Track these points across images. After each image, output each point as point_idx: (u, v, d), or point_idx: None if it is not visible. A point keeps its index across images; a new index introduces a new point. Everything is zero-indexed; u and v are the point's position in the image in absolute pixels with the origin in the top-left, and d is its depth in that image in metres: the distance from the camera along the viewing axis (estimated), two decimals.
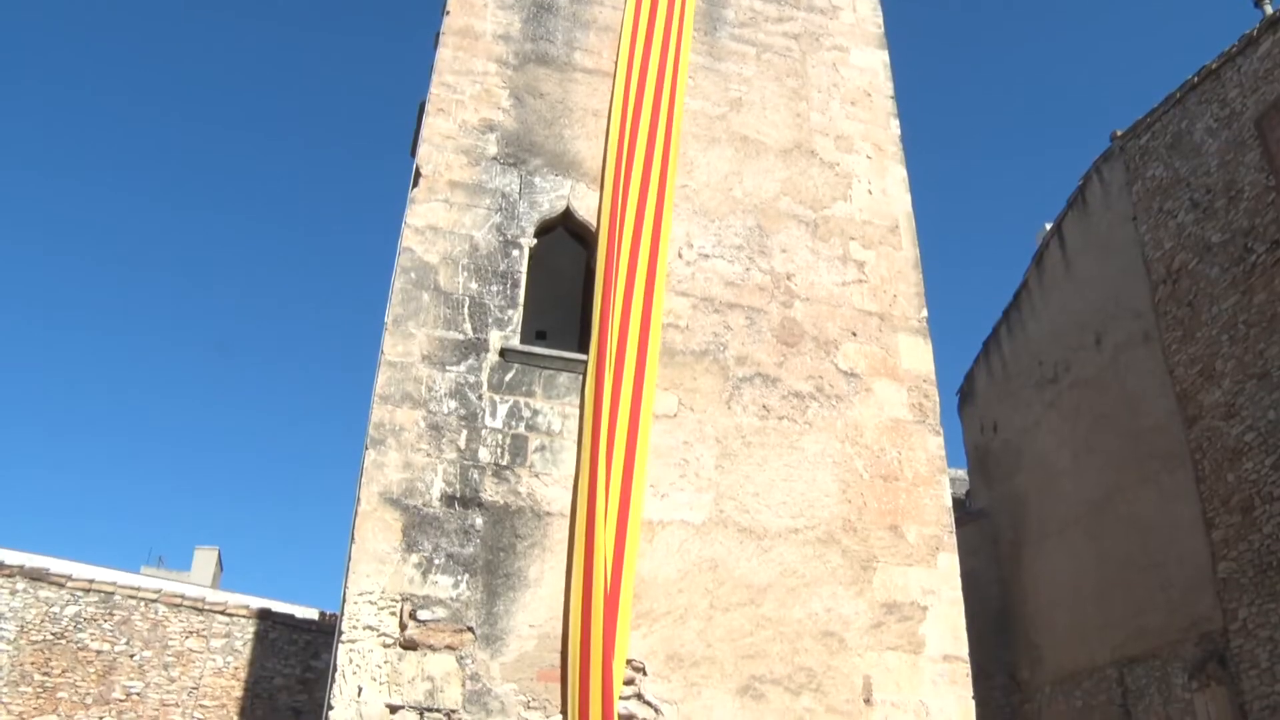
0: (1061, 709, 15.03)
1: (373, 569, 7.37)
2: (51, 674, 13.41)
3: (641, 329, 8.45)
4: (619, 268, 8.65)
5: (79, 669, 13.56)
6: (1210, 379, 12.91)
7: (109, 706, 13.53)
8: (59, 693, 13.39)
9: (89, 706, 13.46)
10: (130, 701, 13.64)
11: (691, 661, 7.75)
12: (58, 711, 13.29)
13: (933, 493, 8.90)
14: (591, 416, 8.08)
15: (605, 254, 8.69)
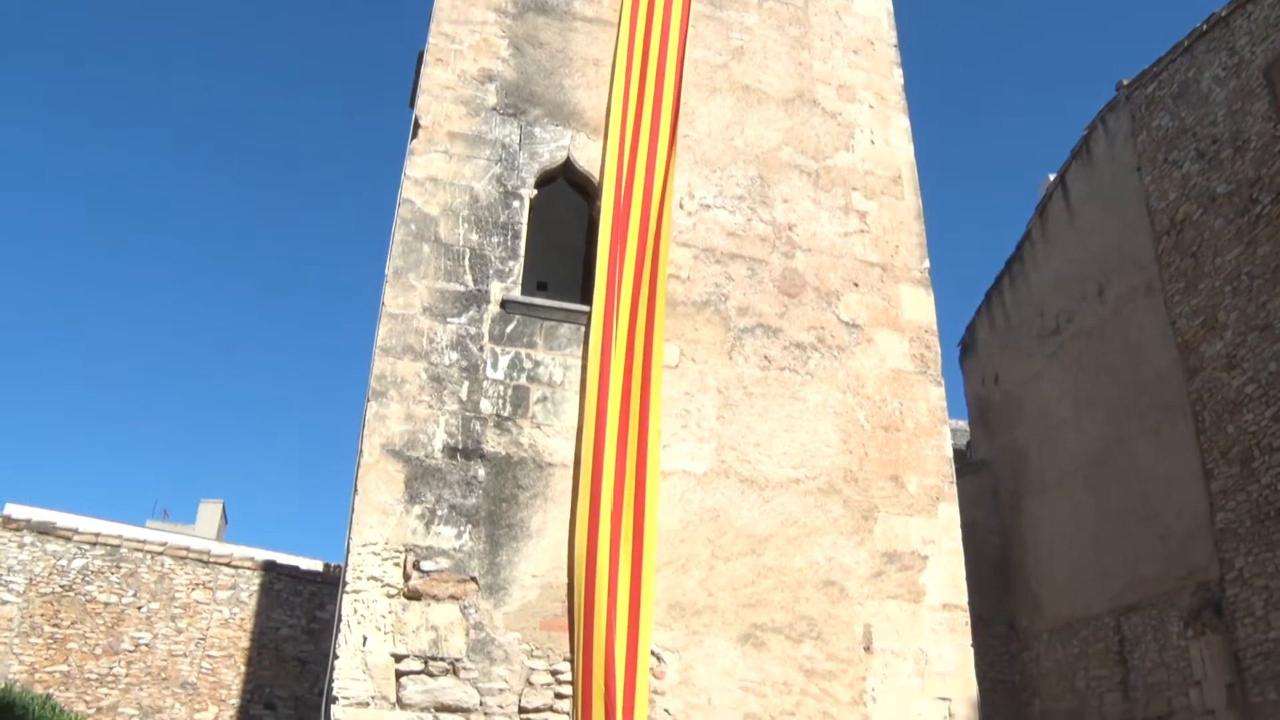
0: (1059, 656, 15.20)
1: (376, 520, 7.43)
2: (61, 625, 13.57)
3: (651, 280, 8.43)
4: (629, 219, 8.61)
5: (88, 620, 13.72)
6: (1212, 330, 12.89)
7: (118, 657, 13.71)
8: (69, 644, 13.56)
9: (98, 657, 13.64)
10: (139, 652, 13.83)
11: (693, 610, 7.83)
12: (68, 662, 13.47)
13: (933, 443, 8.93)
14: (598, 368, 8.09)
15: (612, 205, 8.63)
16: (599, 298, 8.30)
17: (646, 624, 7.44)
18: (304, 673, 14.29)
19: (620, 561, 7.47)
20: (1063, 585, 15.40)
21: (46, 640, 13.45)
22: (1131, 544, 13.92)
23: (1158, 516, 13.53)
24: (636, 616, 7.43)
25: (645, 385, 8.09)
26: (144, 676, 13.75)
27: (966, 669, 8.28)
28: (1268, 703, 11.41)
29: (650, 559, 7.63)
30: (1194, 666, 12.49)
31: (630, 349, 8.13)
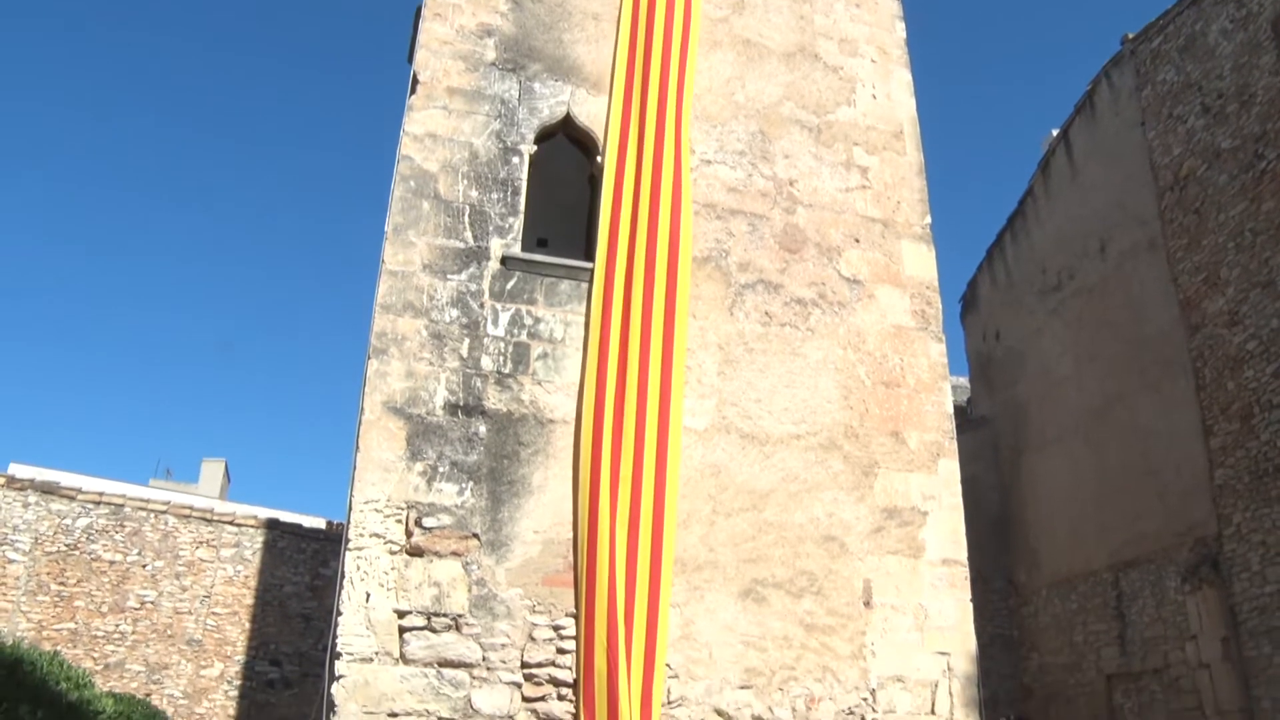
0: (1057, 611, 15.32)
1: (378, 477, 7.45)
2: (67, 584, 13.68)
3: (672, 237, 8.38)
4: (640, 176, 8.53)
5: (93, 579, 13.82)
6: (1214, 287, 12.85)
7: (124, 614, 13.83)
8: (75, 601, 13.67)
9: (105, 615, 13.76)
10: (145, 609, 13.94)
11: (694, 565, 7.88)
12: (75, 620, 13.59)
13: (934, 399, 8.93)
14: (599, 324, 8.07)
15: (615, 161, 8.56)
16: (601, 254, 8.26)
17: (667, 577, 7.48)
18: (308, 629, 14.42)
19: (619, 518, 7.50)
20: (1062, 541, 15.49)
21: (53, 598, 13.56)
22: (1130, 500, 13.98)
23: (1157, 473, 13.58)
24: (650, 571, 7.47)
25: (667, 340, 8.08)
26: (150, 634, 13.88)
27: (965, 623, 8.35)
28: (1262, 656, 11.52)
29: (671, 513, 7.66)
30: (1190, 621, 12.60)
31: (628, 305, 8.10)
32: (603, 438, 7.65)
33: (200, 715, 13.80)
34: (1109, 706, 13.98)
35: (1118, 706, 13.89)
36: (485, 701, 7.10)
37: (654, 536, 7.54)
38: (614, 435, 7.69)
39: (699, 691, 7.56)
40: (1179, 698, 12.74)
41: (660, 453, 7.77)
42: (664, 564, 7.49)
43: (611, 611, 7.24)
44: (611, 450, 7.64)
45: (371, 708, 6.89)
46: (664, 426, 7.83)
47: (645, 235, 8.36)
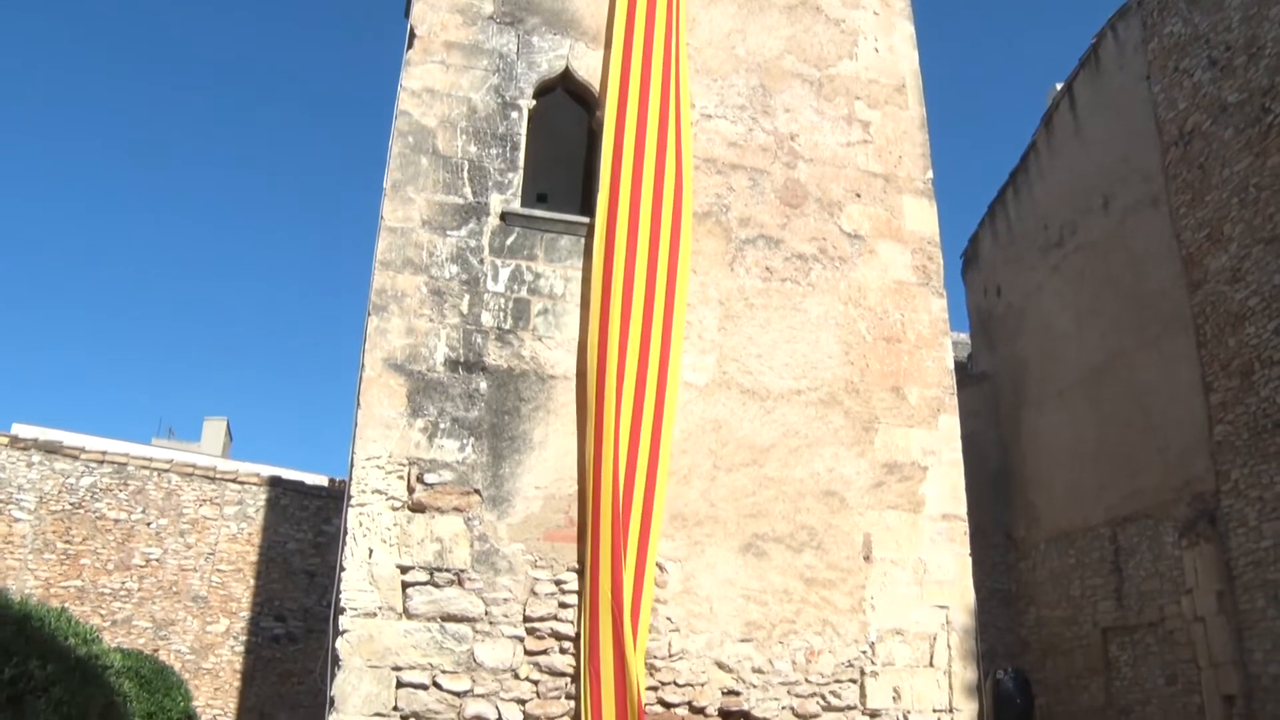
0: (1055, 566, 15.44)
1: (379, 434, 7.47)
2: (73, 542, 13.77)
3: (676, 192, 8.34)
4: (643, 130, 8.46)
5: (99, 537, 13.92)
6: (1217, 243, 12.80)
7: (130, 572, 13.94)
8: (81, 559, 13.77)
9: (111, 572, 13.87)
10: (150, 567, 14.05)
11: (695, 520, 7.92)
12: (81, 577, 13.70)
13: (935, 355, 8.93)
14: (601, 279, 8.05)
15: (615, 115, 8.48)
16: (602, 209, 8.22)
17: (655, 533, 7.54)
18: (312, 585, 14.54)
19: (619, 472, 7.53)
20: (1060, 496, 15.57)
21: (60, 556, 13.66)
22: (1129, 456, 14.04)
23: (1156, 429, 13.62)
24: (647, 526, 7.54)
25: (670, 295, 8.07)
26: (156, 591, 14.00)
27: (964, 578, 8.41)
28: (1255, 609, 11.63)
29: (664, 468, 7.71)
30: (1186, 575, 12.70)
31: (631, 259, 8.08)
32: (605, 393, 7.67)
33: (207, 670, 13.96)
34: (1105, 659, 14.14)
35: (1113, 659, 14.05)
36: (488, 655, 7.18)
37: (646, 492, 7.57)
38: (617, 390, 7.70)
39: (700, 645, 7.64)
40: (1173, 650, 12.89)
41: (657, 408, 7.79)
42: (654, 519, 7.52)
43: (616, 567, 7.30)
44: (615, 405, 7.66)
45: (376, 661, 6.97)
46: (662, 382, 7.84)
47: (650, 189, 8.32)
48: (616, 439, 7.57)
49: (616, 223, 8.15)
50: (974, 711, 8.10)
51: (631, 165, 8.32)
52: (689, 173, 8.54)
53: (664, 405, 7.81)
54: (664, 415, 7.80)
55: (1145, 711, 13.33)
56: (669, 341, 7.98)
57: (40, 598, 12.59)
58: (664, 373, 7.88)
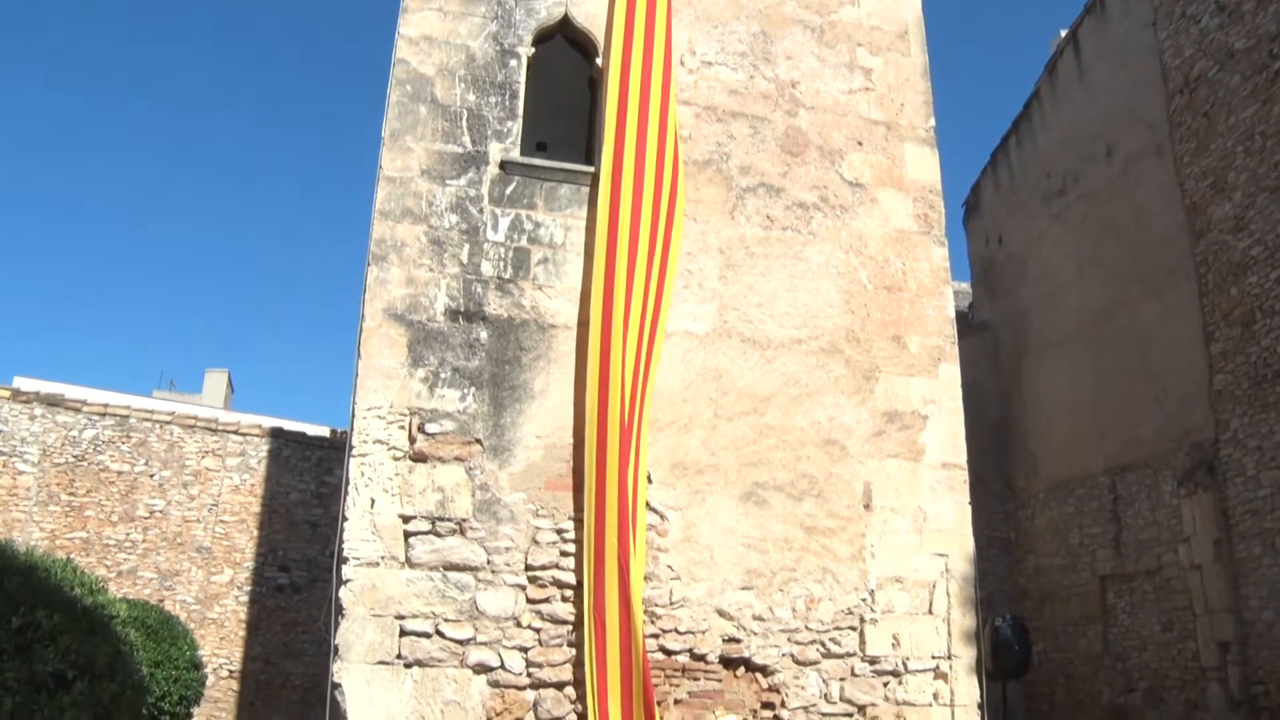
0: (1054, 515, 15.52)
1: (380, 384, 7.48)
2: (77, 494, 13.84)
3: (659, 139, 8.26)
4: (647, 78, 8.36)
5: (102, 489, 13.98)
6: (1221, 192, 12.69)
7: (134, 523, 14.02)
8: (86, 511, 13.84)
9: (115, 524, 13.95)
10: (154, 518, 14.13)
11: (696, 469, 7.95)
12: (86, 529, 13.78)
13: (936, 303, 8.91)
14: (606, 227, 8.00)
15: (619, 62, 8.37)
16: (607, 157, 8.15)
17: (642, 481, 7.56)
18: (315, 535, 14.64)
19: (623, 420, 7.53)
20: (1060, 445, 15.62)
21: (64, 508, 13.73)
22: (1129, 405, 14.06)
23: (1156, 378, 13.62)
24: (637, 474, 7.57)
25: (666, 244, 8.04)
26: (160, 542, 14.09)
27: (964, 526, 8.46)
28: (1252, 557, 11.71)
29: (645, 417, 7.71)
30: (1184, 524, 12.77)
31: (636, 208, 8.02)
32: (611, 341, 7.65)
33: (213, 620, 14.10)
34: (1102, 606, 14.27)
35: (1110, 606, 14.18)
36: (490, 603, 7.24)
37: (636, 440, 7.57)
38: (622, 339, 7.69)
39: (700, 593, 7.71)
40: (1170, 597, 13.00)
41: (648, 356, 7.77)
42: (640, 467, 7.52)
43: (622, 514, 7.33)
44: (621, 354, 7.65)
45: (379, 610, 7.03)
46: (652, 331, 7.81)
47: (655, 137, 8.24)
48: (623, 387, 7.57)
49: (622, 171, 8.08)
50: (972, 658, 8.19)
51: (638, 113, 8.23)
52: (674, 120, 8.44)
53: (651, 354, 7.79)
54: (651, 364, 7.78)
55: (1141, 658, 13.48)
56: (661, 290, 7.95)
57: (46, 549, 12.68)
58: (655, 321, 7.86)
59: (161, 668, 10.00)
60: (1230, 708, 11.78)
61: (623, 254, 7.88)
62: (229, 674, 14.05)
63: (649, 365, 7.78)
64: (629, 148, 8.14)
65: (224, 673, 13.97)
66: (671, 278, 8.09)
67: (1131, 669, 13.64)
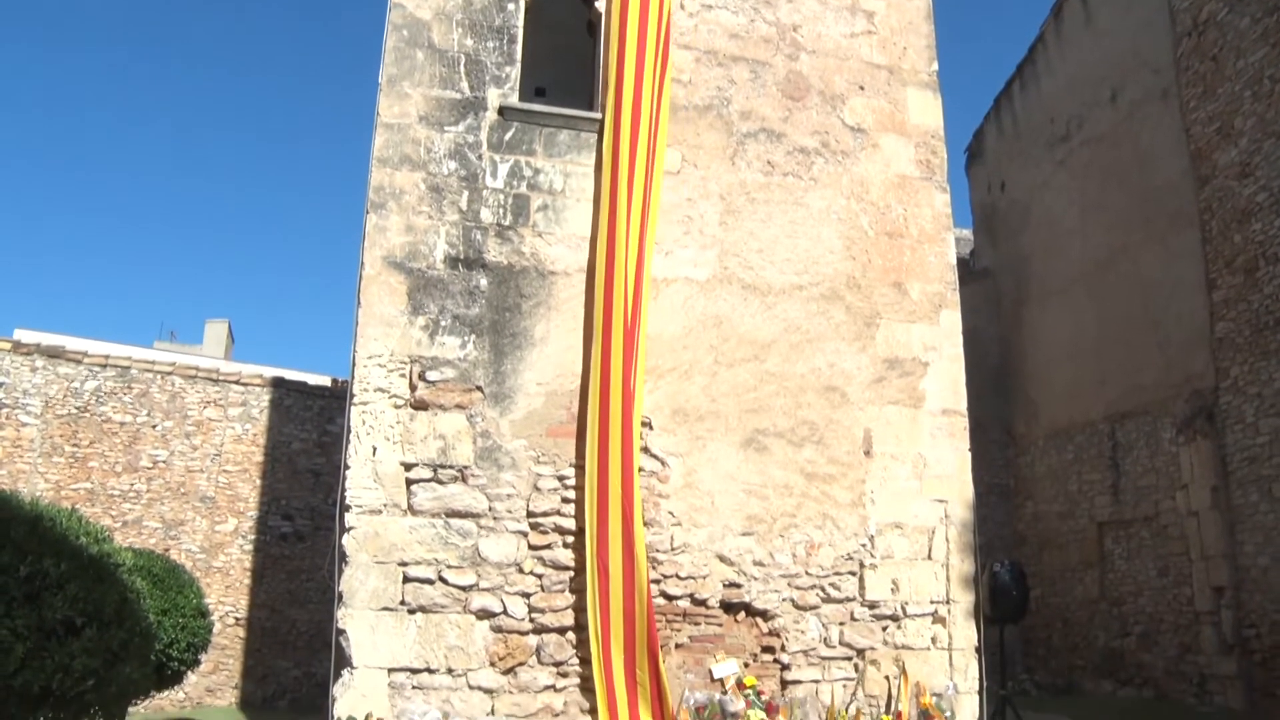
0: (1053, 462, 15.58)
1: (380, 333, 7.47)
2: (80, 445, 13.86)
3: (654, 84, 8.17)
4: (645, 21, 8.24)
5: (105, 440, 14.01)
6: (1227, 137, 12.56)
7: (138, 474, 14.07)
8: (90, 462, 13.88)
9: (119, 474, 14.00)
10: (158, 469, 14.17)
11: (696, 416, 7.97)
12: (90, 480, 13.83)
13: (937, 250, 8.87)
14: (609, 173, 7.95)
15: (620, 5, 8.25)
16: (610, 102, 8.08)
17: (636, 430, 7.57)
18: (318, 484, 14.70)
19: (625, 367, 7.53)
20: (1060, 392, 15.63)
21: (68, 459, 13.77)
22: (1130, 352, 14.04)
23: (1158, 325, 13.59)
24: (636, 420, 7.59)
25: (646, 190, 7.98)
26: (164, 492, 14.15)
27: (963, 472, 8.51)
28: (1249, 503, 11.77)
29: (641, 365, 7.71)
30: (1183, 471, 12.82)
31: (634, 154, 7.96)
32: (614, 288, 7.63)
33: (218, 568, 14.20)
34: (1099, 552, 14.38)
35: (1108, 552, 14.28)
36: (492, 550, 7.30)
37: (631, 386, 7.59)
38: (624, 285, 7.66)
39: (701, 538, 7.76)
40: (1167, 544, 13.09)
41: (636, 302, 7.76)
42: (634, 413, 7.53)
43: (625, 461, 7.36)
44: (623, 300, 7.63)
45: (382, 557, 7.09)
46: (638, 277, 7.78)
47: (654, 83, 8.15)
48: (624, 334, 7.56)
49: (622, 116, 8.01)
50: (970, 603, 8.27)
51: (635, 58, 8.13)
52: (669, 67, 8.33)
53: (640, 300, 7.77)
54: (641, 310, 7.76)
55: (1137, 603, 13.61)
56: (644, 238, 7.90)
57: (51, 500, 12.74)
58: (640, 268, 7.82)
59: (169, 615, 10.07)
60: (1222, 650, 11.92)
61: (621, 200, 7.83)
62: (235, 621, 14.19)
63: (642, 312, 7.76)
64: (627, 93, 8.05)
65: (230, 620, 14.12)
66: (654, 224, 8.02)
67: (1127, 614, 13.78)
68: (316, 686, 13.55)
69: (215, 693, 13.97)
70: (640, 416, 7.67)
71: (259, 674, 14.23)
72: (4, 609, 3.75)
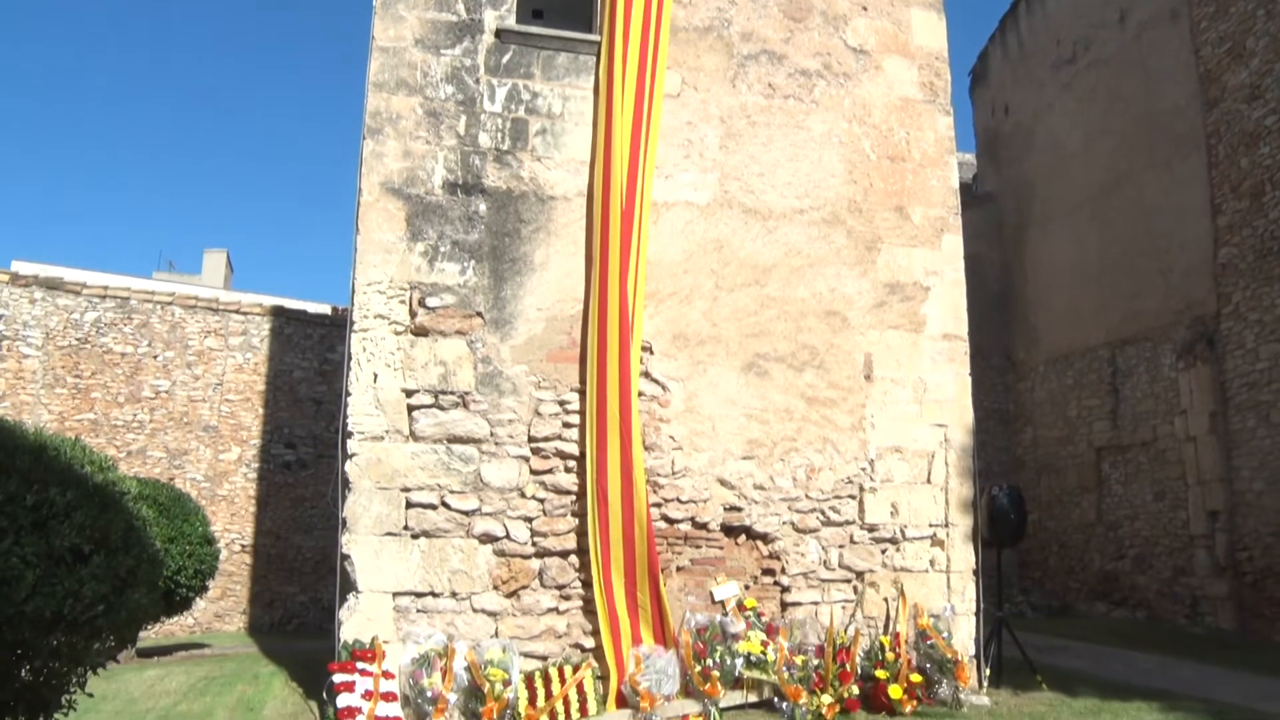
0: (1053, 387, 15.63)
1: (379, 259, 7.43)
2: (83, 376, 13.89)
3: (654, 4, 8.00)
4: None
5: (107, 371, 14.04)
6: (1238, 59, 12.35)
7: (140, 404, 14.12)
8: (92, 393, 13.93)
9: (122, 405, 14.05)
10: (160, 399, 14.23)
11: (697, 340, 7.96)
12: (94, 410, 13.88)
13: (940, 174, 8.78)
14: (607, 96, 7.84)
15: None
16: (608, 24, 7.93)
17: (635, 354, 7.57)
18: (319, 412, 14.78)
19: (624, 291, 7.51)
20: (1061, 318, 15.62)
21: (71, 390, 13.82)
22: (1132, 278, 14.00)
23: (1161, 251, 13.53)
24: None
25: (643, 114, 7.87)
26: (167, 422, 14.22)
27: (964, 397, 8.53)
28: (1246, 429, 11.83)
29: (641, 290, 7.69)
30: (1182, 396, 12.86)
31: (635, 76, 7.83)
32: (613, 212, 7.57)
33: (223, 497, 14.34)
34: (1097, 477, 14.50)
35: (1105, 477, 14.40)
36: (494, 475, 7.35)
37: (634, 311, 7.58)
38: (620, 210, 7.60)
39: (702, 463, 7.81)
40: (1164, 468, 13.19)
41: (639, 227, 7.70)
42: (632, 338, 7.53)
43: (623, 385, 7.37)
44: (621, 224, 7.57)
45: (385, 483, 7.13)
46: (636, 201, 7.71)
47: (651, 3, 7.98)
48: (622, 259, 7.52)
49: (620, 39, 7.86)
50: (969, 526, 8.35)
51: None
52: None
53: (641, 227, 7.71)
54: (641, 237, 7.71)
55: (1132, 527, 13.77)
56: (635, 160, 7.80)
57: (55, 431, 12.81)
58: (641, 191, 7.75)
59: (175, 543, 10.20)
60: (1215, 573, 12.09)
61: (621, 123, 7.74)
62: (241, 548, 14.37)
63: (641, 236, 7.71)
64: (628, 14, 7.90)
65: (236, 547, 14.29)
66: (654, 147, 7.93)
67: (1123, 537, 13.94)
68: (323, 611, 13.78)
69: (224, 618, 14.21)
70: (640, 341, 7.68)
71: (266, 599, 14.46)
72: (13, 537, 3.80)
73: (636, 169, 7.74)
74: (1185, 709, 7.26)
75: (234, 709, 7.38)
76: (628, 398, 7.35)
